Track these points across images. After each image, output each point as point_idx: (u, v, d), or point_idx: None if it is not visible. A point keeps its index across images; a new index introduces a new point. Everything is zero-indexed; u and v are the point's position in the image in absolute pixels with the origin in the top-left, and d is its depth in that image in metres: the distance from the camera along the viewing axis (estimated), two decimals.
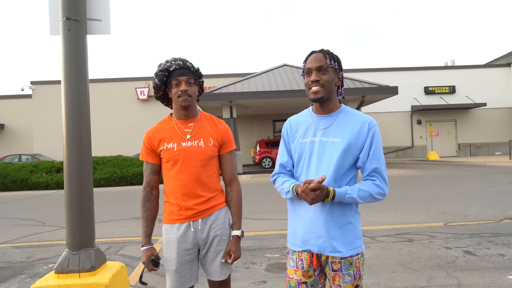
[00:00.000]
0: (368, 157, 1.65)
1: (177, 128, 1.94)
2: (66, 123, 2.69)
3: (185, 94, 1.87)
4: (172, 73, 1.88)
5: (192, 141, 1.91)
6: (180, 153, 1.89)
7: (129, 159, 15.24)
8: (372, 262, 4.02)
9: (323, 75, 1.64)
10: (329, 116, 1.71)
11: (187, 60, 1.93)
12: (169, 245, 1.93)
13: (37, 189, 13.83)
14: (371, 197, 1.63)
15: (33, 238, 5.83)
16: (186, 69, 1.89)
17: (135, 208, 8.34)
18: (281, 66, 19.23)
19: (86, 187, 2.69)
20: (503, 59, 25.92)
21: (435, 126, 23.80)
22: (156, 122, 22.71)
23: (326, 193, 1.56)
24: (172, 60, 1.90)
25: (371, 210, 6.94)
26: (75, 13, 2.75)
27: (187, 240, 1.91)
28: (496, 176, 11.94)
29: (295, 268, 1.70)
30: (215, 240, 1.93)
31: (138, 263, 4.33)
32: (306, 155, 1.70)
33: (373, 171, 1.65)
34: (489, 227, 5.36)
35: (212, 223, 1.93)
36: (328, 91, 1.66)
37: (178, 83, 1.87)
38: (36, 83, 22.96)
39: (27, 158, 19.32)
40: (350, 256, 1.64)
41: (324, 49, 1.70)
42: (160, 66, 1.91)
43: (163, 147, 1.91)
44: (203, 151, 1.91)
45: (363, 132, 1.64)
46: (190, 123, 1.95)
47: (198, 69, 1.98)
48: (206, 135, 1.94)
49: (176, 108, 1.95)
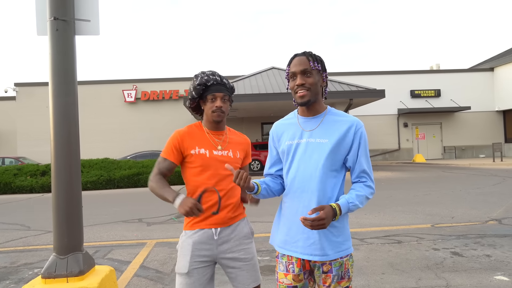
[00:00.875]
0: (357, 158, 1.66)
1: (209, 137, 1.99)
2: (53, 125, 2.65)
3: (219, 110, 1.94)
4: (209, 88, 1.95)
5: (223, 151, 1.98)
6: (212, 160, 1.93)
7: (116, 162, 15.06)
8: (362, 264, 4.04)
9: (308, 78, 1.64)
10: (315, 117, 1.71)
11: (224, 76, 2.01)
12: (184, 248, 1.92)
13: (21, 192, 13.54)
14: (366, 199, 1.66)
15: (17, 242, 5.70)
16: (223, 86, 1.97)
17: (123, 212, 8.24)
18: (270, 69, 19.28)
19: (75, 190, 2.64)
20: (486, 63, 26.49)
21: (421, 129, 24.13)
22: (143, 125, 22.57)
23: (333, 211, 1.55)
24: (210, 74, 1.96)
25: (360, 212, 6.99)
26: (63, 13, 2.71)
27: (204, 247, 1.91)
28: (480, 179, 12.15)
29: (285, 272, 1.68)
30: (237, 249, 1.95)
31: (127, 267, 4.27)
32: (293, 157, 1.70)
33: (362, 172, 1.67)
34: (475, 228, 5.44)
35: (232, 233, 1.96)
36: (314, 94, 1.66)
37: (214, 98, 1.94)
38: (20, 85, 22.54)
39: (10, 161, 18.92)
40: (340, 258, 1.64)
41: (306, 52, 1.70)
42: (197, 79, 1.96)
43: (195, 151, 1.93)
44: (232, 161, 1.99)
45: (350, 133, 1.65)
46: (220, 135, 2.03)
47: (233, 86, 2.07)
48: (234, 147, 2.04)
49: (208, 120, 2.01)
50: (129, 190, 13.25)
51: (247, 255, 1.97)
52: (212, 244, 1.92)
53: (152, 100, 22.92)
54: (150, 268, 4.17)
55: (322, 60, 1.72)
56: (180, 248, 1.94)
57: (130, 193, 12.29)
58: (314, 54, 1.70)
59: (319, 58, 1.71)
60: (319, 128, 1.68)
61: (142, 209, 8.47)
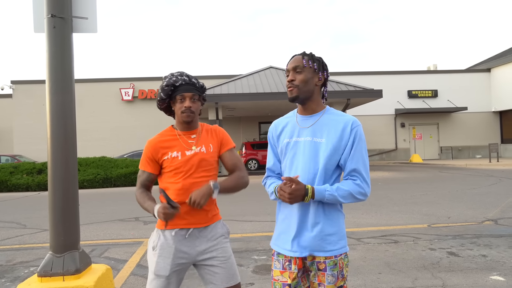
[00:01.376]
0: (349, 156, 1.64)
1: (180, 139, 1.97)
2: (50, 123, 2.63)
3: (188, 111, 1.92)
4: (177, 88, 1.93)
5: (196, 149, 1.96)
6: (185, 162, 1.91)
7: (113, 160, 15.02)
8: (359, 264, 4.05)
9: (298, 75, 1.67)
10: (312, 116, 1.73)
11: (193, 76, 1.99)
12: (164, 250, 1.89)
13: (17, 190, 13.49)
14: (351, 197, 1.62)
15: (13, 241, 5.68)
16: (192, 85, 1.94)
17: (119, 210, 8.22)
18: (267, 68, 19.28)
19: (71, 188, 2.63)
20: (483, 64, 26.59)
21: (418, 129, 24.20)
22: (140, 123, 22.52)
23: (305, 191, 1.57)
24: (178, 74, 1.95)
25: (357, 212, 7.00)
26: (60, 10, 2.70)
27: (184, 249, 1.90)
28: (477, 179, 12.20)
29: (281, 269, 1.69)
30: (213, 249, 1.93)
31: (123, 265, 4.26)
32: (291, 155, 1.71)
33: (353, 171, 1.64)
34: (472, 229, 5.46)
35: (209, 233, 1.94)
36: (303, 91, 1.67)
37: (182, 99, 1.92)
38: (17, 82, 22.43)
39: (6, 159, 18.83)
40: (334, 256, 1.64)
41: (304, 52, 1.72)
42: (166, 80, 1.94)
43: (167, 156, 1.93)
44: (205, 157, 1.95)
45: (346, 132, 1.64)
46: (193, 134, 2.00)
47: (203, 85, 2.03)
48: (206, 141, 2.00)
49: (179, 121, 1.99)
50: (126, 188, 13.22)
51: (224, 253, 1.95)
52: (190, 246, 1.91)
53: (149, 99, 22.87)
54: (146, 267, 4.16)
55: (320, 60, 1.72)
56: (160, 249, 1.90)
57: (127, 191, 12.26)
58: (312, 55, 1.71)
59: (317, 58, 1.71)
60: (316, 127, 1.69)
61: (138, 208, 8.44)
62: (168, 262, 1.87)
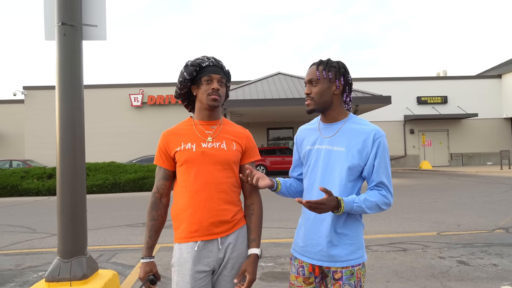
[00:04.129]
0: (374, 168, 1.62)
1: (196, 130, 1.74)
2: (59, 129, 2.66)
3: (215, 93, 1.69)
4: (204, 69, 1.71)
5: (213, 142, 1.71)
6: (199, 155, 1.67)
7: (122, 165, 15.12)
8: (367, 272, 4.01)
9: (313, 87, 1.67)
10: (334, 124, 1.71)
11: (220, 60, 1.79)
12: (181, 266, 1.65)
13: (28, 195, 13.64)
14: (377, 207, 1.61)
15: (23, 245, 5.73)
16: (220, 68, 1.74)
17: (128, 215, 8.26)
18: (276, 75, 19.32)
19: (79, 194, 2.65)
20: (494, 70, 26.32)
21: (428, 136, 23.99)
22: (149, 129, 22.68)
23: (337, 202, 1.53)
24: (204, 57, 1.75)
25: (365, 219, 6.94)
26: (71, 18, 2.74)
27: (203, 261, 1.65)
28: (487, 186, 12.03)
29: (296, 274, 1.70)
30: (230, 261, 1.68)
31: (130, 271, 4.27)
32: (312, 162, 1.72)
33: (380, 183, 1.62)
34: (482, 237, 5.38)
35: (230, 243, 1.69)
36: (319, 103, 1.67)
37: (210, 80, 1.70)
38: (29, 88, 22.79)
39: (18, 164, 19.08)
40: (351, 266, 1.62)
41: (319, 60, 1.70)
42: (189, 61, 1.74)
43: (180, 147, 1.70)
44: (225, 154, 1.70)
45: (368, 143, 1.61)
46: (213, 125, 1.76)
47: (229, 71, 1.82)
48: (229, 139, 1.75)
49: (200, 108, 1.76)
50: (134, 194, 13.29)
51: (238, 269, 1.73)
52: (211, 256, 1.71)
53: (158, 105, 23.04)
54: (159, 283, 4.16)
55: (337, 67, 1.67)
56: (178, 265, 1.69)
57: (135, 197, 12.33)
58: (328, 62, 1.68)
59: (334, 65, 1.67)
60: (337, 136, 1.67)
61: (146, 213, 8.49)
62: (186, 279, 1.66)
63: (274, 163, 18.82)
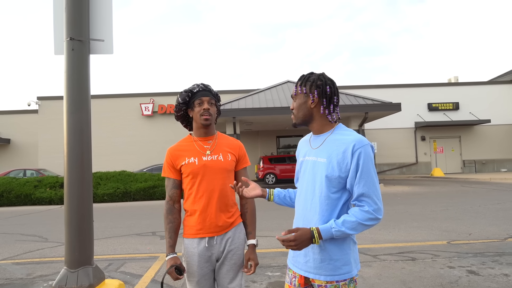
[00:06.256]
0: (355, 180, 1.56)
1: (196, 146, 2.08)
2: (67, 141, 2.73)
3: (207, 113, 2.03)
4: (195, 94, 2.07)
5: (212, 155, 2.05)
6: (201, 167, 2.02)
7: (132, 174, 15.27)
8: (374, 282, 3.97)
9: (294, 102, 1.74)
10: (320, 136, 1.72)
11: (209, 84, 2.14)
12: (190, 258, 2.03)
13: (41, 204, 13.84)
14: (361, 226, 1.54)
15: (34, 254, 5.82)
16: (208, 91, 2.08)
17: (137, 224, 8.32)
18: (285, 83, 19.37)
19: (86, 205, 2.71)
20: (507, 75, 25.97)
21: (439, 143, 23.71)
22: (160, 138, 22.90)
23: (310, 234, 1.53)
24: (195, 84, 2.10)
25: (374, 228, 6.88)
26: (78, 33, 2.82)
27: (206, 254, 2.03)
28: (501, 193, 11.82)
29: (289, 284, 1.74)
30: (230, 253, 2.05)
31: (138, 280, 4.30)
32: (301, 174, 1.77)
33: (361, 196, 1.56)
34: (493, 246, 5.29)
35: (229, 238, 2.05)
36: (298, 117, 1.71)
37: (201, 103, 2.04)
38: (43, 98, 23.25)
39: (31, 173, 19.40)
40: (335, 281, 1.60)
41: (301, 75, 1.73)
42: (182, 90, 2.11)
43: (184, 162, 2.03)
44: (223, 164, 2.05)
45: (347, 154, 1.57)
46: (209, 140, 2.10)
47: (217, 93, 2.17)
48: (224, 151, 2.09)
49: (197, 127, 2.10)
50: (145, 202, 13.39)
51: (236, 259, 2.08)
52: (212, 250, 2.07)
53: (169, 114, 23.27)
54: (160, 282, 4.19)
55: (312, 81, 1.67)
56: (187, 257, 2.06)
57: (146, 205, 12.41)
58: (307, 77, 1.70)
59: (310, 79, 1.68)
60: (321, 147, 1.68)
61: (156, 222, 8.55)
62: (194, 269, 2.04)
63: (284, 171, 18.77)
